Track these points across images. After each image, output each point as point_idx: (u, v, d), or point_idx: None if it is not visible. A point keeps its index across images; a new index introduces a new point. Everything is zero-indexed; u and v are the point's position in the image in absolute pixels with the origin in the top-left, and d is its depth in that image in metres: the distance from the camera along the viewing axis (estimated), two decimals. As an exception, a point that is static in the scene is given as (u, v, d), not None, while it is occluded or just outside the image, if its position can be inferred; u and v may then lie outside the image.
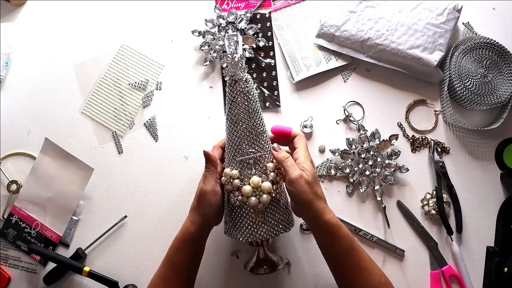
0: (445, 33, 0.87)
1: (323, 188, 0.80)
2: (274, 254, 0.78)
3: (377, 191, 0.86)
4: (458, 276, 0.85)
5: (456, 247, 0.85)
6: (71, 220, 0.87)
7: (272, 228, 0.72)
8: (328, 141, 0.89)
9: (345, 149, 0.87)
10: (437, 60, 0.86)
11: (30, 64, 0.93)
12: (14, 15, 0.95)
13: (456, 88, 0.87)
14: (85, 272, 0.83)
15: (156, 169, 0.89)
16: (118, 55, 0.93)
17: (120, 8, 0.95)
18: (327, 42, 0.91)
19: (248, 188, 0.69)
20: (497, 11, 0.94)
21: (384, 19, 0.88)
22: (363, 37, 0.88)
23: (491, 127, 0.87)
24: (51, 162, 0.88)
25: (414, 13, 0.88)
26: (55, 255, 0.84)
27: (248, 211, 0.71)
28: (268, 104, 0.91)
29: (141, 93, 0.92)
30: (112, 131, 0.91)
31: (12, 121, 0.91)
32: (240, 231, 0.72)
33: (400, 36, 0.87)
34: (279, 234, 0.73)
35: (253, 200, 0.69)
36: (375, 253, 0.86)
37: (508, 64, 0.87)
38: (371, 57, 0.89)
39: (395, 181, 0.87)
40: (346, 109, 0.89)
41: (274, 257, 0.77)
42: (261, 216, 0.71)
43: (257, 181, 0.70)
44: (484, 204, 0.88)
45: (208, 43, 0.91)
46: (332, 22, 0.89)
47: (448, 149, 0.89)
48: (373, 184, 0.86)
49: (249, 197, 0.70)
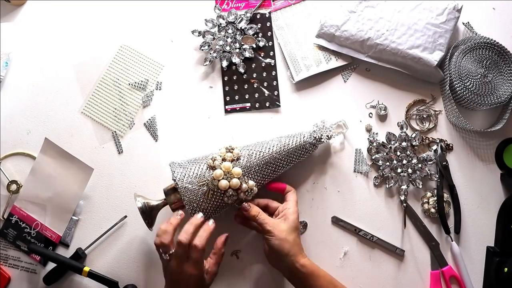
0: (445, 33, 0.87)
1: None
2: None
3: (402, 191, 0.85)
4: (458, 276, 0.85)
5: (456, 246, 0.85)
6: (71, 220, 0.87)
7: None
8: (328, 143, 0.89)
9: (384, 142, 0.87)
10: (437, 60, 0.86)
11: (30, 64, 0.93)
12: (14, 15, 0.95)
13: (456, 88, 0.87)
14: (85, 272, 0.83)
15: (156, 169, 0.89)
16: (118, 55, 0.93)
17: (120, 8, 0.95)
18: (327, 42, 0.91)
19: (219, 171, 0.76)
20: (497, 11, 0.94)
21: (384, 19, 0.88)
22: (363, 37, 0.88)
23: (494, 128, 0.87)
24: (51, 162, 0.88)
25: (414, 13, 0.88)
26: (55, 255, 0.84)
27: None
28: (268, 104, 0.91)
29: (141, 93, 0.92)
30: (112, 131, 0.91)
31: (12, 121, 0.91)
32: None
33: (400, 36, 0.87)
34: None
35: (224, 182, 0.76)
36: (375, 253, 0.86)
37: (508, 64, 0.87)
38: (371, 57, 0.89)
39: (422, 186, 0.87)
40: (377, 104, 0.89)
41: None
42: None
43: (228, 166, 0.77)
44: (484, 204, 0.88)
45: (208, 43, 0.91)
46: (332, 22, 0.89)
47: (452, 146, 0.89)
48: (401, 183, 0.86)
49: (220, 180, 0.76)
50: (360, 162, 0.88)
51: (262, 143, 0.82)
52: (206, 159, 0.79)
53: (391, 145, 0.87)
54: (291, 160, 0.82)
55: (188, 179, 0.77)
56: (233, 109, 0.91)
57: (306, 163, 0.88)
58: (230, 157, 0.78)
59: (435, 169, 0.88)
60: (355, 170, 0.88)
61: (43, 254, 0.84)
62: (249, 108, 0.91)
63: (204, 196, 0.76)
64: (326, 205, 0.87)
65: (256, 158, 0.80)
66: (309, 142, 0.83)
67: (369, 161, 0.88)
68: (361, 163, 0.88)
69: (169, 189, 0.79)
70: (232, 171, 0.77)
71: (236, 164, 0.78)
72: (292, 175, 0.87)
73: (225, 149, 0.79)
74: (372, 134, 0.88)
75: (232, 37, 0.92)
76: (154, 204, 0.79)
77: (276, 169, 0.82)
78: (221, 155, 0.78)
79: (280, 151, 0.81)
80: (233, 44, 0.92)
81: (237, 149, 0.80)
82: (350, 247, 0.86)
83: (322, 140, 0.83)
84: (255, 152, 0.80)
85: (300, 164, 0.86)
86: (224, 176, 0.76)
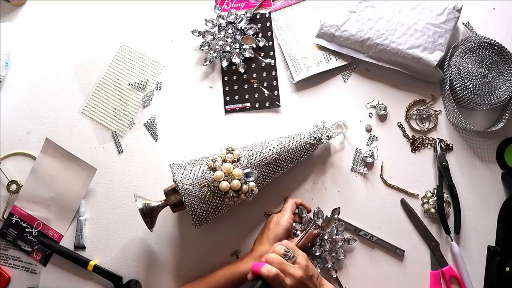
0: (445, 33, 0.87)
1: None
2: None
3: (331, 269, 0.83)
4: (458, 276, 0.85)
5: (456, 246, 0.85)
6: (79, 221, 0.87)
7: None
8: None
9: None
10: (437, 60, 0.86)
11: (30, 64, 0.93)
12: (14, 15, 0.95)
13: (456, 88, 0.87)
14: (91, 266, 0.84)
15: (156, 169, 0.89)
16: (118, 55, 0.93)
17: (120, 8, 0.95)
18: (327, 42, 0.91)
19: (220, 173, 0.76)
20: (497, 11, 0.94)
21: (384, 19, 0.88)
22: (363, 37, 0.88)
23: (494, 128, 0.87)
24: (52, 162, 0.88)
25: (414, 13, 0.88)
26: (62, 248, 0.85)
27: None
28: (268, 104, 0.91)
29: (141, 93, 0.92)
30: (112, 131, 0.90)
31: (12, 121, 0.91)
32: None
33: (400, 36, 0.87)
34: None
35: (225, 183, 0.76)
36: (375, 254, 0.86)
37: (508, 64, 0.87)
38: (371, 57, 0.89)
39: (345, 253, 0.85)
40: (377, 104, 0.89)
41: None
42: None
43: (228, 167, 0.76)
44: (485, 204, 0.88)
45: (208, 43, 0.91)
46: (332, 22, 0.89)
47: (452, 146, 0.89)
48: (326, 263, 0.83)
49: (221, 181, 0.76)
50: (358, 162, 0.88)
51: (262, 144, 0.82)
52: (207, 160, 0.79)
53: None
54: (291, 160, 0.82)
55: (189, 180, 0.77)
56: (233, 109, 0.91)
57: (306, 162, 0.88)
58: (231, 158, 0.78)
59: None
60: (352, 169, 0.88)
61: (52, 247, 0.85)
62: (249, 108, 0.91)
63: (205, 198, 0.76)
64: (326, 205, 0.87)
65: (256, 159, 0.80)
66: (309, 142, 0.83)
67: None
68: (360, 164, 0.88)
69: (170, 190, 0.79)
70: (233, 173, 0.76)
71: (237, 165, 0.78)
72: (292, 175, 0.87)
73: (225, 150, 0.79)
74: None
75: (232, 37, 0.92)
76: (155, 205, 0.79)
77: (277, 170, 0.82)
78: (222, 156, 0.78)
79: (281, 152, 0.81)
80: (233, 44, 0.92)
81: (237, 150, 0.79)
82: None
83: (322, 141, 0.83)
84: (255, 153, 0.80)
85: (300, 164, 0.86)
86: (225, 178, 0.76)
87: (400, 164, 0.89)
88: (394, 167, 0.89)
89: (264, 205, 0.87)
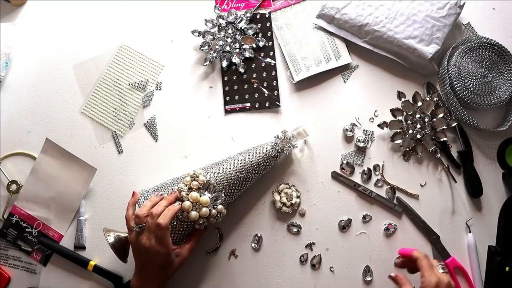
0: (444, 28, 0.87)
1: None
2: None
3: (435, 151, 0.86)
4: (462, 267, 0.84)
5: (472, 238, 0.85)
6: (79, 221, 0.87)
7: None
8: (328, 143, 0.89)
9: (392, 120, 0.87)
10: (432, 53, 0.86)
11: (30, 64, 0.93)
12: (14, 15, 0.95)
13: (456, 88, 0.86)
14: (91, 266, 0.84)
15: (156, 169, 0.89)
16: (118, 55, 0.93)
17: (120, 8, 0.95)
18: (326, 24, 0.91)
19: (188, 203, 0.74)
20: (497, 11, 0.94)
21: (384, 7, 0.88)
22: (361, 22, 0.88)
23: (500, 128, 0.87)
24: (52, 162, 0.88)
25: (415, 4, 0.88)
26: (62, 248, 0.85)
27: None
28: (268, 104, 0.91)
29: (141, 93, 0.92)
30: (112, 131, 0.90)
31: (12, 121, 0.91)
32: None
33: (398, 25, 0.87)
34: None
35: (193, 213, 0.74)
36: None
37: (508, 64, 0.87)
38: (368, 43, 0.89)
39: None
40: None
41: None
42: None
43: (195, 196, 0.75)
44: (486, 204, 0.88)
45: (208, 43, 0.91)
46: (333, 4, 0.90)
47: (452, 146, 0.89)
48: (429, 146, 0.85)
49: (189, 211, 0.74)
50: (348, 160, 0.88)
51: (224, 161, 0.81)
52: (172, 188, 0.77)
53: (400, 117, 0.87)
54: (255, 174, 0.82)
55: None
56: (233, 109, 0.91)
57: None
58: (196, 185, 0.76)
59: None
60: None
61: (52, 247, 0.85)
62: (249, 108, 0.91)
63: (175, 227, 0.76)
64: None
65: (221, 179, 0.79)
66: (272, 155, 0.82)
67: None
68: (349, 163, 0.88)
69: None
70: (200, 201, 0.75)
71: (202, 192, 0.77)
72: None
73: (189, 177, 0.77)
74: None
75: (232, 37, 0.92)
76: (126, 236, 0.78)
77: (242, 186, 0.81)
78: (186, 183, 0.77)
79: (244, 167, 0.80)
80: (233, 44, 0.92)
81: (202, 176, 0.77)
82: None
83: (284, 152, 0.83)
84: (219, 172, 0.79)
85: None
86: (192, 208, 0.75)
87: (400, 165, 0.89)
88: (394, 167, 0.89)
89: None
